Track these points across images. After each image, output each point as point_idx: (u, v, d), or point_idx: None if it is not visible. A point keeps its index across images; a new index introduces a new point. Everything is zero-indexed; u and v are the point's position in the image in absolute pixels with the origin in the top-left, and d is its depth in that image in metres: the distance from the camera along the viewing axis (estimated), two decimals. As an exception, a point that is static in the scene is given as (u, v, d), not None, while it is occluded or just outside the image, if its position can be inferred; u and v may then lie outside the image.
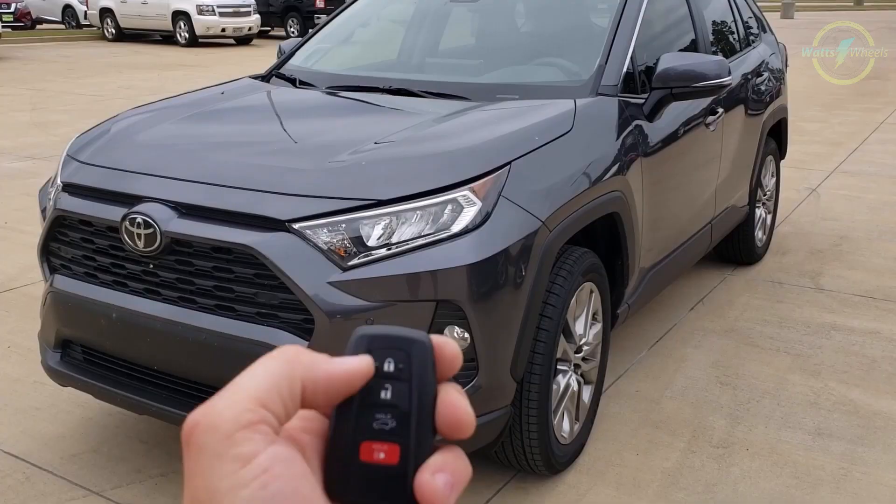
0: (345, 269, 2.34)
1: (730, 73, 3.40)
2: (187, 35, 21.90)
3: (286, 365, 0.49)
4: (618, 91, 3.26)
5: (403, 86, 3.44)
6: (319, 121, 3.24)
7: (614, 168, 3.06)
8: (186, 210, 2.50)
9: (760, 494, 2.91)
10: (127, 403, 2.75)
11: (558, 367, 2.89)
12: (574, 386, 2.99)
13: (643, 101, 3.38)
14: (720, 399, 3.57)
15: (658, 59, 3.36)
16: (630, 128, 3.24)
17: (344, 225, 2.38)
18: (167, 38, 22.92)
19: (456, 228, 2.42)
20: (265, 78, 3.91)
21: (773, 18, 30.40)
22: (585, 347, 3.04)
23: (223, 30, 21.96)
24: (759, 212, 5.25)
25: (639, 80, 3.42)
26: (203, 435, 0.46)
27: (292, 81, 3.76)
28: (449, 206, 2.44)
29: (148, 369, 2.68)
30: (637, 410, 3.47)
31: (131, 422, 3.32)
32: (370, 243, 2.37)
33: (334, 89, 3.53)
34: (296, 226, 2.37)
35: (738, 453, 3.16)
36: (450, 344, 0.52)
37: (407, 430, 0.50)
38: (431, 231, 2.41)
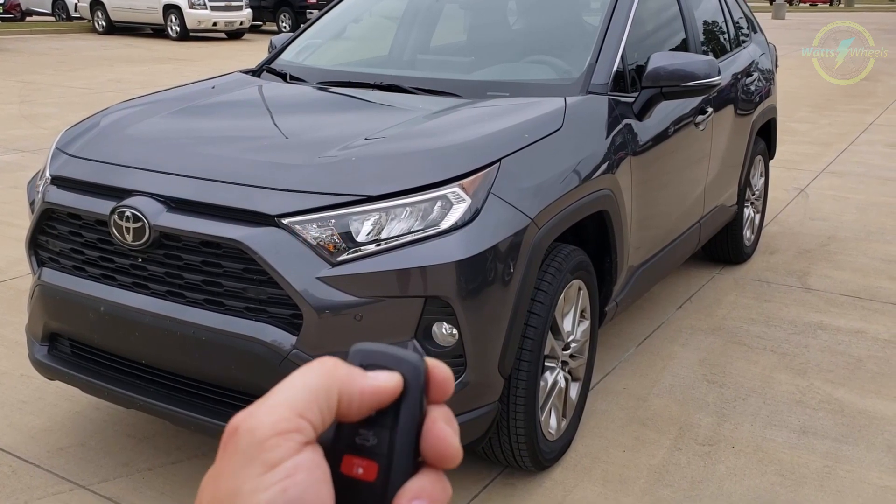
0: (334, 265, 2.35)
1: (719, 73, 3.41)
2: (178, 29, 21.84)
3: (325, 377, 0.51)
4: (608, 89, 3.27)
5: (394, 82, 3.44)
6: (310, 116, 3.24)
7: (603, 166, 3.07)
8: (175, 204, 2.50)
9: (745, 492, 2.93)
10: (114, 397, 2.75)
11: (546, 363, 2.90)
12: (561, 383, 3.01)
13: (633, 99, 3.39)
14: (707, 397, 3.59)
15: (648, 58, 3.37)
16: (620, 126, 3.25)
17: (333, 220, 2.38)
18: (158, 32, 22.84)
19: (445, 225, 2.43)
20: (256, 73, 3.91)
21: (764, 19, 30.52)
22: (573, 344, 3.05)
23: (214, 24, 21.90)
24: (748, 211, 5.27)
25: (629, 78, 3.44)
26: (240, 438, 0.48)
27: (283, 76, 3.75)
28: (439, 203, 2.45)
29: (136, 363, 2.68)
30: (624, 408, 3.48)
31: (119, 416, 3.32)
32: (359, 239, 2.38)
33: (325, 85, 3.53)
34: (285, 221, 2.37)
35: (724, 451, 3.18)
36: (442, 368, 0.53)
37: (387, 450, 0.50)
38: (421, 227, 2.41)
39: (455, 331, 2.44)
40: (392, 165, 2.55)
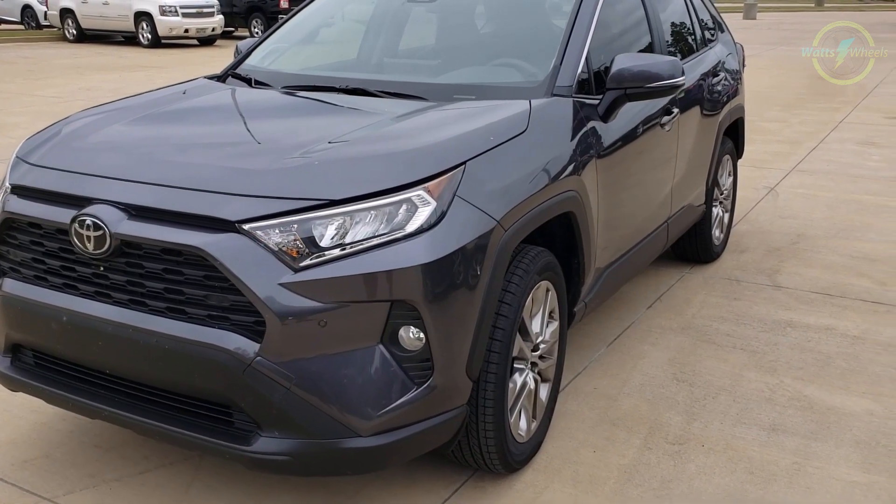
0: (297, 271, 2.33)
1: (683, 74, 3.42)
2: (150, 36, 21.69)
3: None
4: (572, 92, 3.28)
5: (360, 86, 3.43)
6: (273, 121, 3.22)
7: (569, 168, 3.08)
8: (136, 212, 2.47)
9: (715, 490, 2.94)
10: (79, 408, 2.71)
11: (515, 365, 2.90)
12: (531, 384, 3.00)
13: (598, 101, 3.40)
14: (677, 396, 3.60)
15: (612, 60, 3.38)
16: (585, 128, 3.26)
17: (296, 225, 2.36)
18: (130, 39, 22.68)
19: (410, 228, 2.42)
20: (221, 78, 3.88)
21: (735, 19, 30.57)
22: (542, 345, 3.05)
23: (186, 31, 21.78)
24: (717, 211, 5.30)
25: (594, 80, 3.44)
26: None
27: (248, 81, 3.73)
28: (404, 206, 2.44)
29: (100, 373, 2.65)
30: (594, 408, 3.49)
31: (86, 426, 3.28)
32: (323, 244, 2.36)
33: (290, 89, 3.51)
34: (246, 226, 2.35)
35: (694, 449, 3.19)
36: None
37: None
38: (386, 231, 2.40)
39: (422, 335, 2.43)
40: (356, 169, 2.54)
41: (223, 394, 2.43)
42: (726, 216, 5.53)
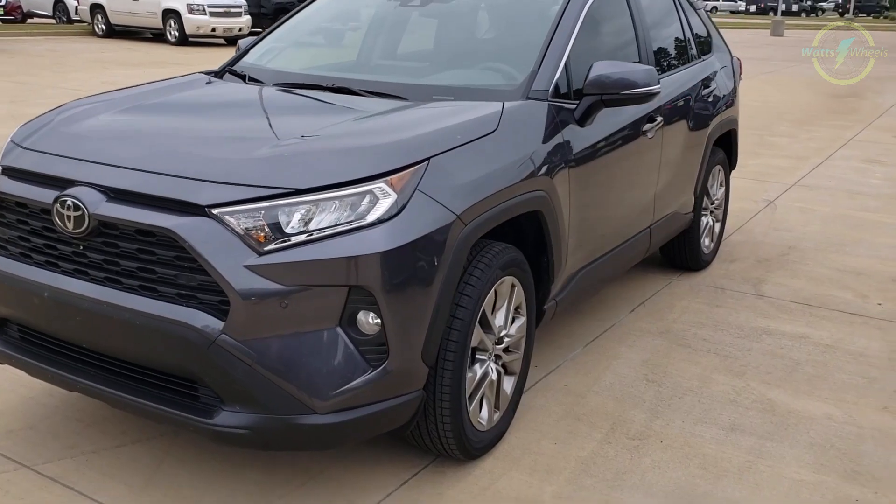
0: (261, 254, 2.46)
1: (658, 83, 3.53)
2: (177, 33, 22.05)
3: None
4: (548, 96, 3.40)
5: (345, 85, 3.57)
6: (254, 115, 3.36)
7: (539, 169, 3.19)
8: (114, 194, 2.62)
9: (666, 483, 3.04)
10: (58, 380, 2.86)
11: (477, 356, 3.01)
12: (493, 375, 3.11)
13: (575, 106, 3.51)
14: (644, 395, 3.70)
15: (590, 66, 3.49)
16: (559, 131, 3.37)
17: (263, 212, 2.50)
18: (158, 37, 23.05)
19: (371, 218, 2.54)
20: (219, 74, 4.04)
21: (762, 35, 30.42)
22: (507, 339, 3.17)
23: (213, 29, 22.12)
24: (707, 220, 5.39)
25: (572, 86, 3.56)
26: None
27: (243, 77, 3.89)
28: (367, 198, 2.56)
29: (77, 347, 2.79)
30: (562, 403, 3.59)
31: (70, 401, 3.44)
32: (287, 230, 2.49)
33: (279, 86, 3.65)
34: (215, 211, 2.48)
35: (652, 445, 3.29)
36: None
37: None
38: (347, 220, 2.53)
39: (378, 319, 2.55)
40: (322, 161, 2.67)
41: (189, 369, 2.57)
42: (717, 226, 5.61)
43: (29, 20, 26.41)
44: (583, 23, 3.77)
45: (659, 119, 4.22)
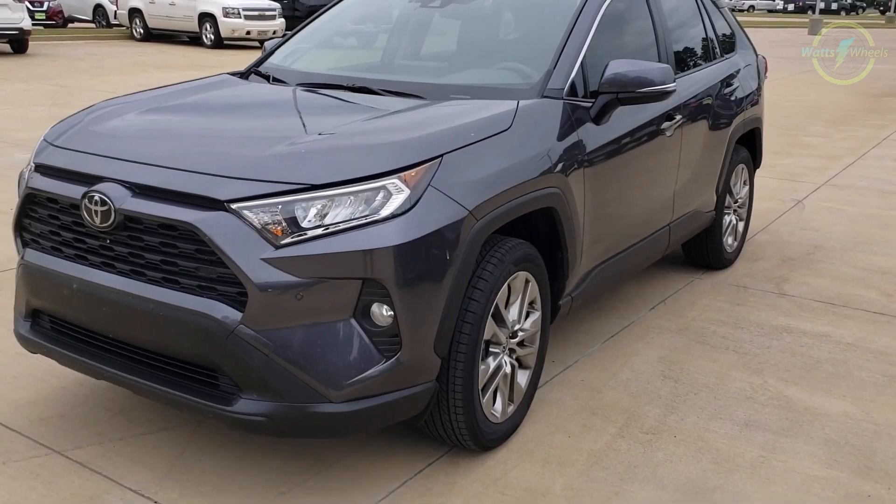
0: (278, 247, 2.55)
1: (674, 81, 3.57)
2: (213, 37, 22.35)
3: None
4: (563, 94, 3.45)
5: (365, 84, 3.65)
6: (275, 114, 3.46)
7: (553, 166, 3.24)
8: (139, 190, 2.73)
9: (677, 476, 3.08)
10: (86, 369, 2.98)
11: (490, 349, 3.08)
12: (507, 368, 3.17)
13: (591, 104, 3.56)
14: (660, 391, 3.73)
15: (606, 65, 3.54)
16: (574, 129, 3.42)
17: (280, 206, 2.59)
18: (194, 40, 23.39)
19: (384, 213, 2.62)
20: (244, 75, 4.15)
21: (800, 34, 30.03)
22: (521, 333, 3.22)
23: (248, 32, 22.39)
24: (730, 218, 5.40)
25: (588, 85, 3.61)
26: None
27: (267, 78, 3.99)
28: (380, 193, 2.64)
29: (104, 337, 2.91)
30: (578, 398, 3.64)
31: (100, 391, 3.56)
32: (304, 224, 2.58)
33: (302, 86, 3.75)
34: (234, 206, 2.58)
35: (666, 440, 3.33)
36: None
37: None
38: (362, 215, 2.61)
39: (391, 311, 2.63)
40: (338, 157, 2.76)
41: (209, 358, 2.67)
42: (741, 224, 5.62)
43: (69, 25, 26.95)
44: (600, 22, 3.82)
45: (678, 117, 4.25)
